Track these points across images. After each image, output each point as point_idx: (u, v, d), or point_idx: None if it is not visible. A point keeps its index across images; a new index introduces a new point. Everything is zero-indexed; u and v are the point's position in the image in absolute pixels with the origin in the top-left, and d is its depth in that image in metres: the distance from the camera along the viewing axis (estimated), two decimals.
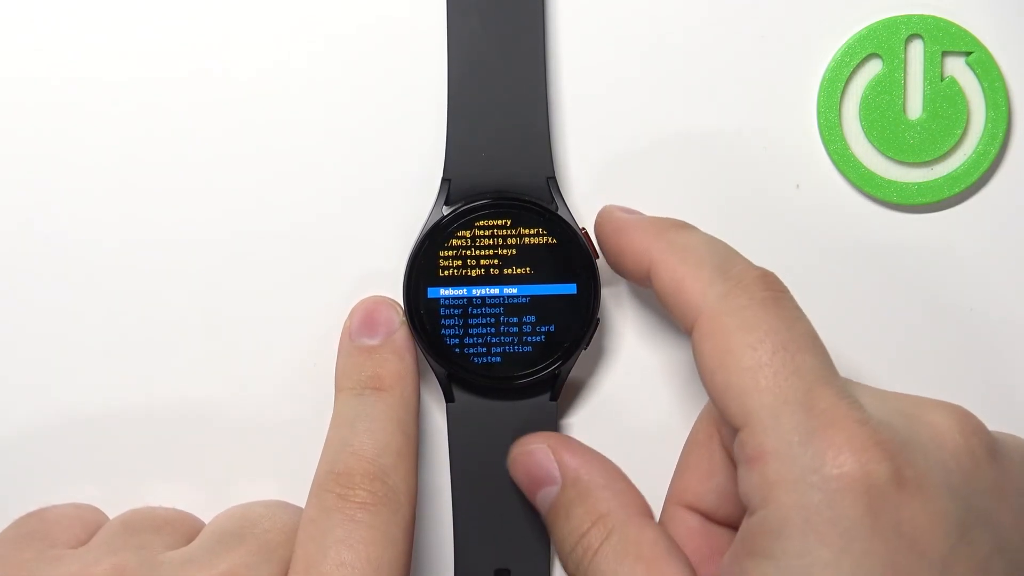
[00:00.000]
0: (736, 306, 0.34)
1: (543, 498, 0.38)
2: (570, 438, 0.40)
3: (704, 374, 0.34)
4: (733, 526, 0.37)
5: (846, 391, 0.32)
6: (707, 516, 0.37)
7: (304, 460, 0.38)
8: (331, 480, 0.36)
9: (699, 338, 0.34)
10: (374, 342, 0.40)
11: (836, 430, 0.31)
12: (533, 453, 0.38)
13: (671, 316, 0.36)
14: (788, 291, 0.35)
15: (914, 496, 0.31)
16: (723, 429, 0.37)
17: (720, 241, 0.37)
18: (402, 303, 0.39)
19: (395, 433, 0.37)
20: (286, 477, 0.41)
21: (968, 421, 0.34)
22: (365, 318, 0.40)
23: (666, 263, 0.36)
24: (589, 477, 0.37)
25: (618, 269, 0.39)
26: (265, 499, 0.40)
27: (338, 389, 0.39)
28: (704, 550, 0.37)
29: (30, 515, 0.40)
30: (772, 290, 0.34)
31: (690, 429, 0.39)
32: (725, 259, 0.35)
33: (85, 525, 0.39)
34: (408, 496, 0.37)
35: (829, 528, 0.30)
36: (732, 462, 0.36)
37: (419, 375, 0.40)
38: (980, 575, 0.31)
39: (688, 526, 0.37)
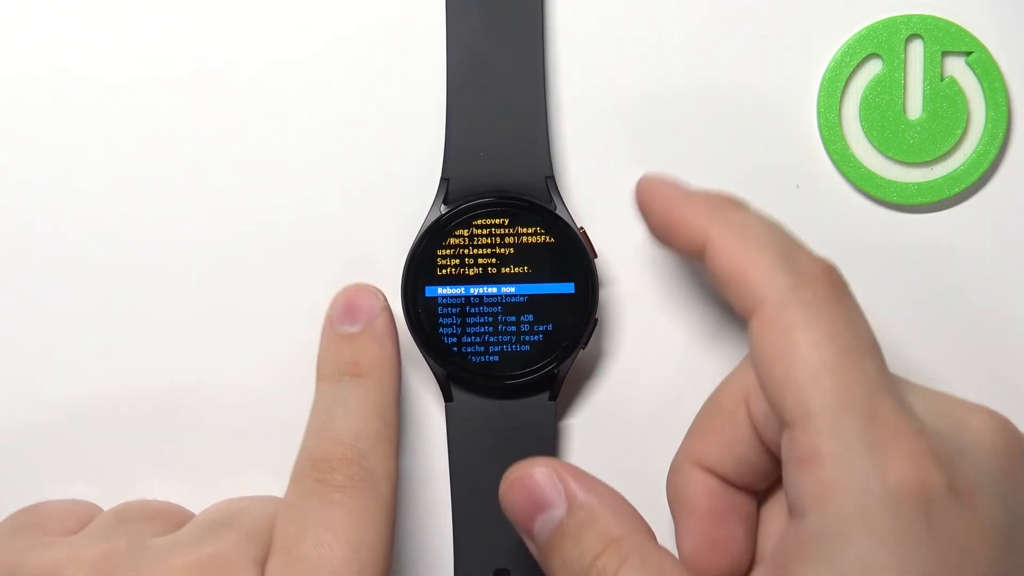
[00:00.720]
0: (802, 300, 0.33)
1: (544, 522, 0.36)
2: (568, 463, 0.38)
3: (761, 365, 0.33)
4: (750, 491, 0.37)
5: (903, 400, 0.32)
6: (724, 480, 0.37)
7: None
8: (309, 466, 0.36)
9: (760, 329, 0.33)
10: (354, 329, 0.39)
11: (897, 440, 0.31)
12: (535, 475, 0.36)
13: (725, 297, 0.35)
14: (849, 288, 0.34)
15: (967, 506, 0.31)
16: (755, 407, 0.36)
17: (779, 225, 0.36)
18: (400, 302, 0.39)
19: (372, 418, 0.37)
20: (284, 476, 0.41)
21: (1007, 425, 0.34)
22: (346, 306, 0.40)
23: (726, 245, 0.35)
24: (598, 501, 0.35)
25: (666, 242, 0.37)
26: (255, 494, 0.40)
27: (318, 378, 0.39)
28: (721, 509, 0.37)
29: (26, 509, 0.40)
30: (837, 287, 0.34)
31: (704, 401, 0.38)
32: (788, 247, 0.34)
33: (79, 518, 0.40)
34: (387, 479, 0.37)
35: (891, 537, 0.30)
36: (758, 436, 0.36)
37: (400, 361, 0.40)
38: None
39: (706, 485, 0.37)
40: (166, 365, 0.42)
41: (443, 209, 0.39)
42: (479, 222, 0.39)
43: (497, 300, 0.39)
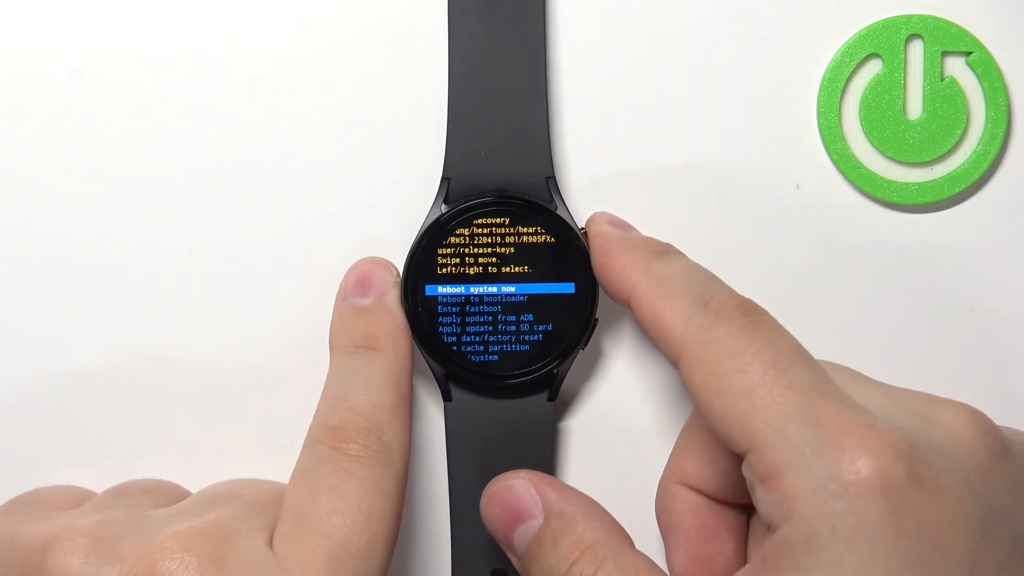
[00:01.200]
0: (718, 335, 0.34)
1: (523, 534, 0.37)
2: (546, 474, 0.38)
3: (700, 405, 0.34)
4: (736, 505, 0.37)
5: (846, 398, 0.32)
6: (709, 496, 0.37)
7: None
8: (325, 434, 0.36)
9: (687, 371, 0.34)
10: (367, 302, 0.40)
11: (847, 436, 0.31)
12: (513, 487, 0.37)
13: (655, 347, 0.36)
14: (768, 314, 0.35)
15: (934, 496, 0.31)
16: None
17: (701, 269, 0.37)
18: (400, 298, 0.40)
19: (389, 390, 0.38)
20: (285, 459, 0.40)
21: (981, 419, 0.33)
22: (359, 279, 0.40)
23: (645, 296, 0.36)
24: (574, 509, 0.36)
25: (602, 287, 0.39)
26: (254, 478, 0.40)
27: (332, 348, 0.40)
28: (709, 525, 0.37)
29: (23, 493, 0.40)
30: (752, 315, 0.34)
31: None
32: (704, 290, 0.35)
33: (79, 499, 0.40)
34: (401, 452, 0.37)
35: (856, 534, 0.30)
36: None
37: (411, 335, 0.40)
38: (1005, 573, 0.31)
39: (691, 503, 0.37)
40: (165, 367, 0.42)
41: (444, 208, 0.39)
42: (480, 221, 0.39)
43: (497, 299, 0.39)
